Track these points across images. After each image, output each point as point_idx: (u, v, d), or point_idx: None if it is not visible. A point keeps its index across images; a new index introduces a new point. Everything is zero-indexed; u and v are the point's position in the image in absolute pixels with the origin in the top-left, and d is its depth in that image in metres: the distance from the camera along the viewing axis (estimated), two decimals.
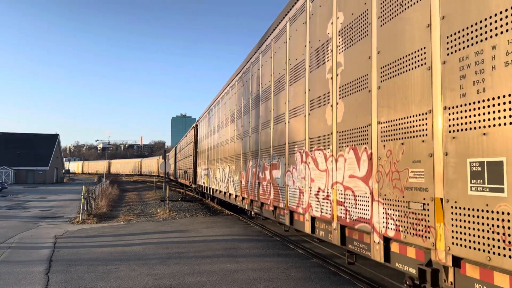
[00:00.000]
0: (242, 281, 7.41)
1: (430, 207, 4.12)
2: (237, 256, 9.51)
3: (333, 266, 8.54)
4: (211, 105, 21.38)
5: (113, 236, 12.62)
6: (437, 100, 4.06)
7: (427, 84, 4.24)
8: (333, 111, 6.40)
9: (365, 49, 5.54)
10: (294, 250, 10.23)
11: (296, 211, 7.99)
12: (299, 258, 9.36)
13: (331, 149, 6.43)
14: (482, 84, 3.51)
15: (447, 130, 3.88)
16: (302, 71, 7.89)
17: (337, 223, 6.26)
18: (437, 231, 3.99)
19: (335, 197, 6.27)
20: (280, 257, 9.34)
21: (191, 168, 29.10)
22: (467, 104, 3.66)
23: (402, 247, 4.70)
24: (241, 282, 7.35)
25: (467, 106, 3.67)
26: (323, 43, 6.98)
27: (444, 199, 3.90)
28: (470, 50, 3.65)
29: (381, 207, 4.96)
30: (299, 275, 7.85)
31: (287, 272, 8.04)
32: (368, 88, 5.40)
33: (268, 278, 7.63)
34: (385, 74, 5.01)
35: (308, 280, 7.50)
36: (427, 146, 4.18)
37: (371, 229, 5.21)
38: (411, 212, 4.40)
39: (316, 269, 8.32)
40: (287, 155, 8.54)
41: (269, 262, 8.90)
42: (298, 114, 8.03)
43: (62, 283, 7.41)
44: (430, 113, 4.16)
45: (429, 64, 4.21)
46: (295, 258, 9.28)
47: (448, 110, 3.89)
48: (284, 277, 7.68)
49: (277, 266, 8.54)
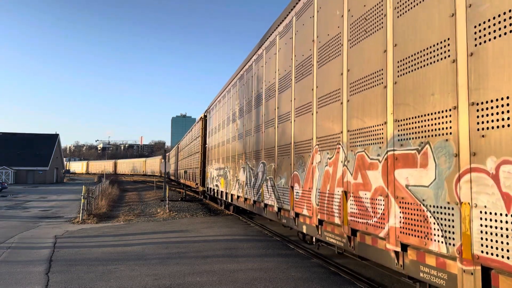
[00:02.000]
0: (242, 281, 7.40)
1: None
2: (237, 256, 9.50)
3: (333, 266, 8.54)
4: (228, 84, 17.01)
5: (113, 236, 12.61)
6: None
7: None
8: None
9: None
10: (294, 250, 10.22)
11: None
12: (299, 258, 9.35)
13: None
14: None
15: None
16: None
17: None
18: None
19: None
20: (280, 257, 9.34)
21: (198, 167, 25.16)
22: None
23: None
24: (241, 282, 7.34)
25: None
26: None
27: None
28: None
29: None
30: (299, 275, 7.85)
31: (287, 272, 8.04)
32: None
33: (268, 278, 7.63)
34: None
35: (308, 280, 7.50)
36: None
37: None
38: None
39: (316, 269, 8.32)
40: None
41: (269, 262, 8.89)
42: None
43: (62, 283, 7.41)
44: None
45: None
46: (295, 258, 9.28)
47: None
48: (284, 277, 7.67)
49: (277, 266, 8.54)
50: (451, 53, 4.15)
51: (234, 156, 14.87)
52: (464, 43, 3.98)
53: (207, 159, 22.39)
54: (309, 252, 9.92)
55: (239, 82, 14.73)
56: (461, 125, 3.96)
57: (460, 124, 3.97)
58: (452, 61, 4.12)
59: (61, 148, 78.05)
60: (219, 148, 18.38)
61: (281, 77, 9.76)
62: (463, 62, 3.97)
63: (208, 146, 22.41)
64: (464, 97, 3.94)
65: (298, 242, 11.15)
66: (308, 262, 8.96)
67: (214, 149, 20.07)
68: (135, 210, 20.89)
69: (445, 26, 4.23)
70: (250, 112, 12.73)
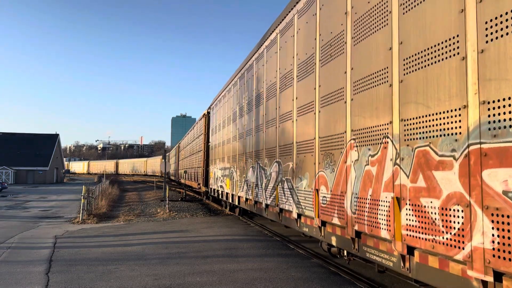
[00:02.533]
0: (242, 281, 7.41)
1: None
2: (237, 256, 9.51)
3: (333, 266, 8.54)
4: (234, 76, 15.63)
5: (113, 236, 12.62)
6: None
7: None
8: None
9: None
10: (294, 250, 10.23)
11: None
12: (299, 258, 9.36)
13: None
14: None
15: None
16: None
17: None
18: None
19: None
20: (280, 257, 9.34)
21: (200, 167, 23.86)
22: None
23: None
24: (241, 282, 7.35)
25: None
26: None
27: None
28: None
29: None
30: (299, 275, 7.85)
31: (287, 272, 8.04)
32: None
33: (268, 278, 7.63)
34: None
35: (308, 280, 7.50)
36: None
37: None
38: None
39: (316, 269, 8.32)
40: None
41: (269, 262, 8.89)
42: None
43: (62, 283, 7.41)
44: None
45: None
46: (295, 258, 9.28)
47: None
48: (284, 277, 7.68)
49: (277, 266, 8.54)
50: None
51: (242, 155, 13.52)
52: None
53: (210, 158, 21.11)
54: (309, 252, 9.93)
55: (247, 73, 13.32)
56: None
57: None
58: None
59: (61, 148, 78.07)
60: (224, 146, 17.00)
61: (300, 62, 8.49)
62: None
63: (211, 144, 20.98)
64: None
65: (298, 242, 11.16)
66: (308, 262, 8.96)
67: (218, 148, 18.63)
68: (135, 210, 20.90)
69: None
70: (260, 105, 11.52)
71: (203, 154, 22.70)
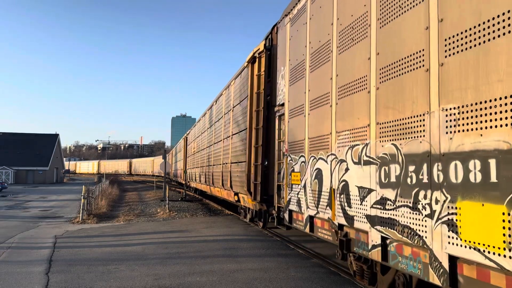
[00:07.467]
0: (242, 281, 7.40)
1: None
2: (237, 256, 9.50)
3: (333, 266, 8.54)
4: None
5: (113, 236, 12.62)
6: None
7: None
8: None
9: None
10: (294, 250, 10.22)
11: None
12: (299, 258, 9.35)
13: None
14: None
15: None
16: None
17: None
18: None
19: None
20: (280, 257, 9.34)
21: (244, 161, 12.85)
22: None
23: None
24: (241, 282, 7.34)
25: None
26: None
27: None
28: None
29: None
30: (299, 275, 7.85)
31: (287, 272, 8.04)
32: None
33: (268, 278, 7.63)
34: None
35: (308, 280, 7.50)
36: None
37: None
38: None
39: (316, 269, 8.32)
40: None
41: (269, 262, 8.89)
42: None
43: (62, 283, 7.41)
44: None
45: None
46: (295, 258, 9.28)
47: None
48: (284, 277, 7.67)
49: (277, 266, 8.54)
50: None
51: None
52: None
53: (276, 143, 10.29)
54: (309, 252, 9.93)
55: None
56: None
57: None
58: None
59: (61, 148, 78.10)
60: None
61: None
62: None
63: (285, 108, 9.44)
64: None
65: (298, 242, 11.15)
66: (308, 262, 8.96)
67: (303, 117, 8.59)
68: (135, 210, 20.90)
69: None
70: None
71: (261, 132, 11.44)
